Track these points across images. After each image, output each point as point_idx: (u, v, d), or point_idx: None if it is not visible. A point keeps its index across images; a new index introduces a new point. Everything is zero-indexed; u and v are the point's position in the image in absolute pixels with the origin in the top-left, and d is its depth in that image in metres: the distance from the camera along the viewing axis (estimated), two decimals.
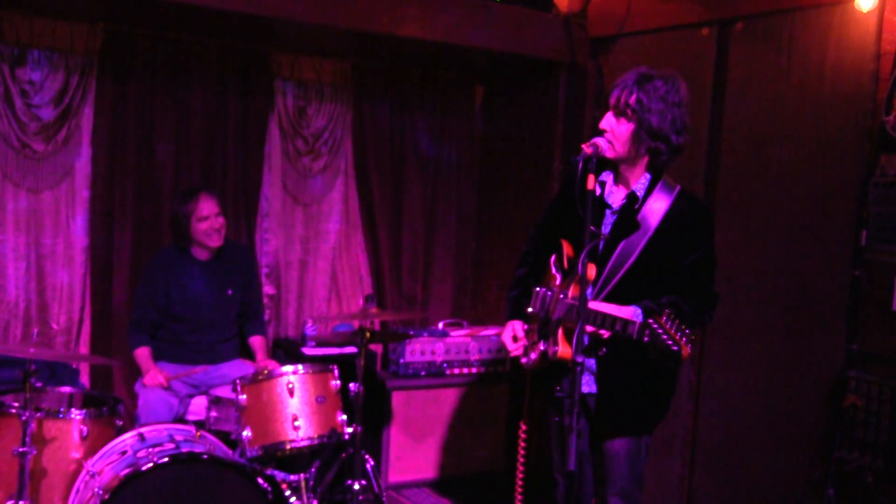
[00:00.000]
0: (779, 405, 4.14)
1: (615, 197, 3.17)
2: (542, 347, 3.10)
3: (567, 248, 3.14)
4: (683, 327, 2.80)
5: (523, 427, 3.43)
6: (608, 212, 3.17)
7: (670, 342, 2.77)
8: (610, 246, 3.10)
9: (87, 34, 4.62)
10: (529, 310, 3.18)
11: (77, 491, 3.51)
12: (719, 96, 4.39)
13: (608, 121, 3.08)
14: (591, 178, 2.82)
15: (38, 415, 3.55)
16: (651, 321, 2.79)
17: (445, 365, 5.12)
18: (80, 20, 4.58)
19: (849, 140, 3.89)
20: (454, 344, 5.15)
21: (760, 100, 4.22)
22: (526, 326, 3.28)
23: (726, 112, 4.37)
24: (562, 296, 3.03)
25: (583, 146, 2.93)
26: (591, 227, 2.83)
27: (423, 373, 5.06)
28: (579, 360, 2.74)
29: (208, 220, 4.43)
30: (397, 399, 4.98)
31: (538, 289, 3.15)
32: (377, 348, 5.33)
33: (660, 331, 2.77)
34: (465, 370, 5.18)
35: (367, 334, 4.20)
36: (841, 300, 3.90)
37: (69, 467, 3.60)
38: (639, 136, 3.03)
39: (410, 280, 5.75)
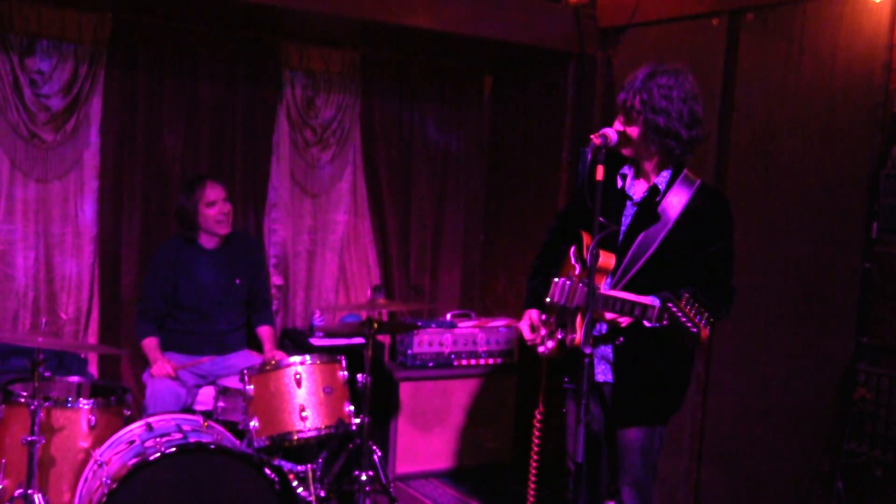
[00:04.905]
0: (788, 398, 4.12)
1: (636, 190, 3.19)
2: (559, 336, 3.12)
3: (587, 239, 3.14)
4: (703, 310, 2.79)
5: (538, 416, 3.43)
6: (629, 203, 3.19)
7: (689, 324, 2.76)
8: (629, 237, 3.12)
9: (96, 23, 4.61)
10: (548, 300, 3.19)
11: (85, 480, 3.53)
12: (729, 87, 4.37)
13: (619, 122, 3.10)
14: (599, 169, 2.84)
15: (47, 404, 3.56)
16: (670, 305, 2.78)
17: (453, 356, 5.12)
18: (88, 9, 4.57)
19: (860, 131, 3.86)
20: (462, 335, 5.15)
21: (771, 90, 4.20)
22: (543, 316, 3.28)
23: (736, 103, 4.34)
24: (581, 285, 3.04)
25: (591, 137, 2.94)
26: (601, 219, 2.83)
27: (430, 364, 5.06)
28: (587, 350, 2.77)
29: (216, 206, 4.43)
30: (405, 390, 4.98)
31: (557, 279, 3.17)
32: (385, 339, 5.33)
33: (678, 314, 2.76)
34: (473, 361, 5.17)
35: (375, 325, 4.20)
36: (851, 292, 3.88)
37: (77, 456, 3.62)
38: (647, 136, 3.05)
39: (418, 270, 5.75)
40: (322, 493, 3.95)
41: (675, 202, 3.08)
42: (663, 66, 3.07)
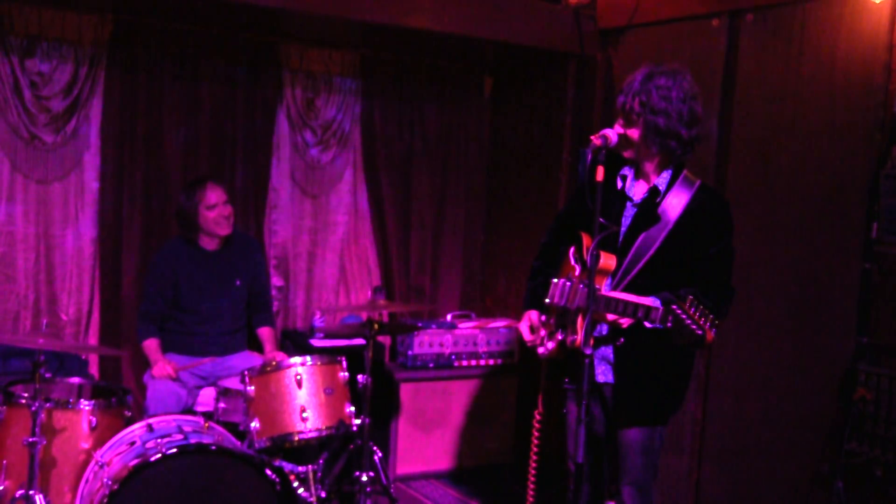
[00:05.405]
0: (788, 398, 4.12)
1: (636, 191, 3.20)
2: (559, 337, 3.13)
3: (586, 240, 3.15)
4: (707, 312, 2.79)
5: (538, 417, 3.43)
6: (629, 204, 3.20)
7: (694, 326, 2.76)
8: (630, 238, 3.13)
9: (96, 25, 4.62)
10: (548, 301, 3.19)
11: (86, 481, 3.53)
12: (729, 87, 4.37)
13: (619, 125, 3.11)
14: (599, 170, 2.84)
15: (48, 405, 3.56)
16: (674, 307, 2.78)
17: (454, 357, 5.12)
18: (88, 11, 4.57)
19: (860, 131, 3.86)
20: (462, 336, 5.15)
21: (771, 91, 4.20)
22: (543, 317, 3.29)
23: (736, 103, 4.34)
24: (581, 286, 3.05)
25: (591, 137, 2.94)
26: (601, 220, 2.84)
27: (431, 365, 5.06)
28: (588, 351, 2.77)
29: (217, 209, 4.44)
30: (405, 391, 4.98)
31: (557, 280, 3.17)
32: (385, 340, 5.34)
33: (683, 316, 2.75)
34: (474, 362, 5.18)
35: (376, 326, 4.21)
36: (851, 293, 3.88)
37: (78, 457, 3.61)
38: (648, 138, 3.06)
39: (419, 271, 5.75)
40: (323, 494, 3.96)
41: (675, 203, 3.09)
42: (661, 67, 3.08)
